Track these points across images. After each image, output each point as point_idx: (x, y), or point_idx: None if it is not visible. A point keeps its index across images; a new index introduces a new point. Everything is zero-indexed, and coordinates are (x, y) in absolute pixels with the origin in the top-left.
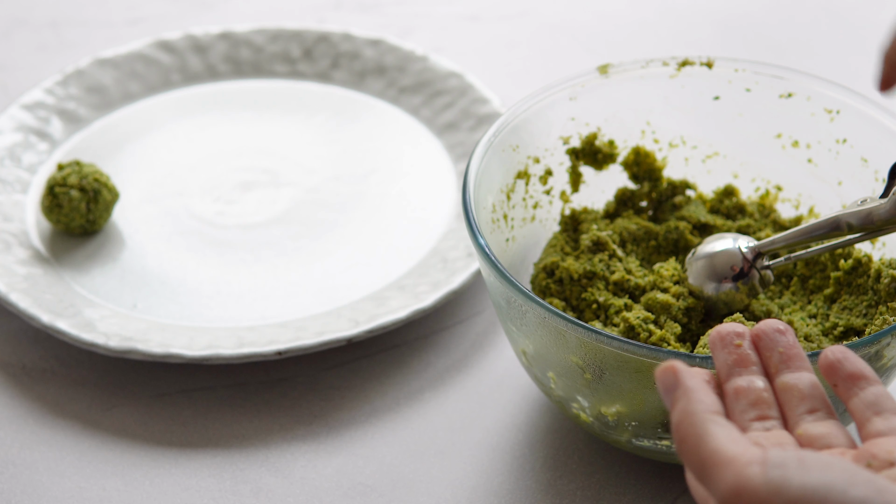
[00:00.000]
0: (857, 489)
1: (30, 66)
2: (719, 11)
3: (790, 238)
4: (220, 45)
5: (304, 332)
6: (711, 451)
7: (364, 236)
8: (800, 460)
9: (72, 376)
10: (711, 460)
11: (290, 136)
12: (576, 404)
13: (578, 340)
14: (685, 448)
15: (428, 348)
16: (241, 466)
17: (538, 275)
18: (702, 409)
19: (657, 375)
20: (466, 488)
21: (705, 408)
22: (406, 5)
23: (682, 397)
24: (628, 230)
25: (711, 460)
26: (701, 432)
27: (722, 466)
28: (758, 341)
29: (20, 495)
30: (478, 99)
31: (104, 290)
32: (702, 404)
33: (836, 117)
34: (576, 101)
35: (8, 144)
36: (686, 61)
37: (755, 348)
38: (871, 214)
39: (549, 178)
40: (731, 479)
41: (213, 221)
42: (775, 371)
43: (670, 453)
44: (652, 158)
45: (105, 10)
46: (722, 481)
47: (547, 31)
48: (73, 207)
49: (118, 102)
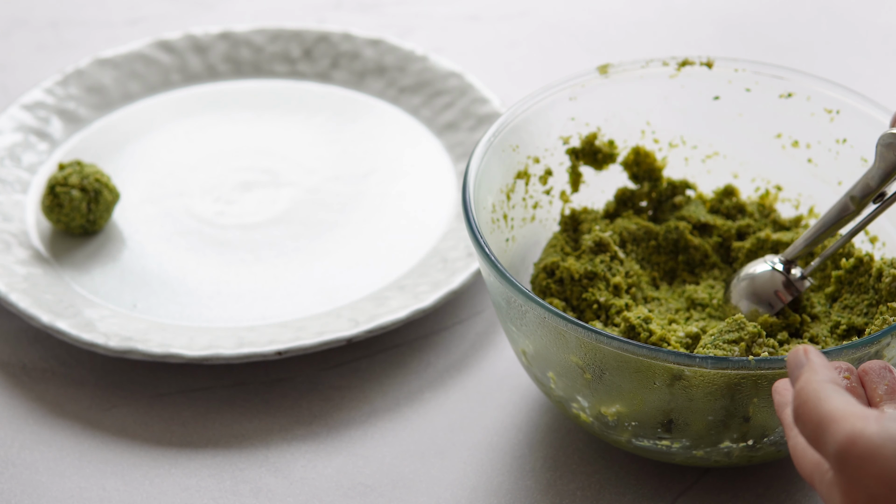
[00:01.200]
0: None
1: (30, 66)
2: (719, 11)
3: (811, 237)
4: (220, 45)
5: (304, 332)
6: (830, 410)
7: (364, 236)
8: None
9: (72, 376)
10: (829, 417)
11: (290, 136)
12: (576, 404)
13: (578, 340)
14: (804, 411)
15: (428, 348)
16: (241, 466)
17: (538, 275)
18: (824, 377)
19: (790, 358)
20: (466, 488)
21: (828, 377)
22: (406, 5)
23: (807, 369)
24: (628, 230)
25: (829, 417)
26: (822, 395)
27: (838, 421)
28: (864, 376)
29: (20, 495)
30: (478, 99)
31: (104, 290)
32: (826, 374)
33: (836, 117)
34: (576, 101)
35: (8, 144)
36: (686, 61)
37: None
38: (867, 180)
39: (549, 178)
40: (847, 429)
41: (213, 221)
42: (880, 402)
43: (670, 453)
44: (652, 158)
45: (105, 10)
46: (837, 433)
47: (547, 30)
48: (74, 207)
49: (118, 102)
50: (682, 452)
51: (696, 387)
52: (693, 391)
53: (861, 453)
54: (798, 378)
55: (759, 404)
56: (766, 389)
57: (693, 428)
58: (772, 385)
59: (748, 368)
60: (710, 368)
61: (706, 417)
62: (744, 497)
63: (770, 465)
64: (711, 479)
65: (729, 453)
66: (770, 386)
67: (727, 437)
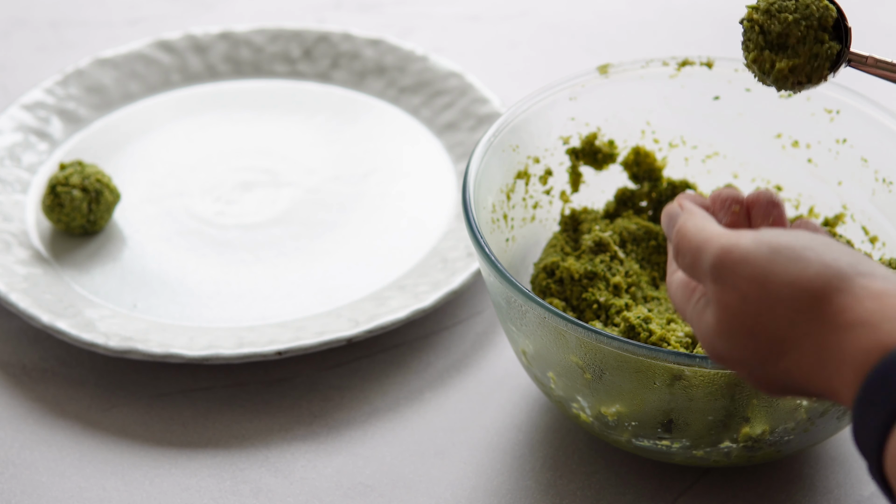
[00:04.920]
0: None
1: (30, 66)
2: (719, 11)
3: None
4: (220, 45)
5: (304, 332)
6: (707, 235)
7: (364, 236)
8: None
9: (72, 376)
10: (705, 239)
11: (290, 136)
12: (576, 404)
13: (578, 340)
14: (683, 244)
15: (428, 348)
16: (241, 466)
17: (538, 275)
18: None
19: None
20: (466, 488)
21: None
22: (406, 5)
23: (686, 214)
24: (628, 230)
25: (705, 239)
26: (699, 226)
27: (714, 239)
28: (752, 208)
29: (20, 495)
30: (478, 99)
31: (104, 290)
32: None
33: (836, 117)
34: (576, 101)
35: (8, 144)
36: (686, 61)
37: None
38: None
39: (549, 178)
40: (723, 242)
41: (213, 221)
42: None
43: (670, 453)
44: (652, 158)
45: (105, 10)
46: (713, 247)
47: (547, 31)
48: (75, 207)
49: (118, 102)
50: (682, 452)
51: (696, 387)
52: (693, 391)
53: (735, 258)
54: (674, 225)
55: (759, 404)
56: None
57: (693, 428)
58: None
59: None
60: (710, 368)
61: (706, 417)
62: (744, 497)
63: (770, 465)
64: (711, 479)
65: (729, 453)
66: None
67: (727, 437)
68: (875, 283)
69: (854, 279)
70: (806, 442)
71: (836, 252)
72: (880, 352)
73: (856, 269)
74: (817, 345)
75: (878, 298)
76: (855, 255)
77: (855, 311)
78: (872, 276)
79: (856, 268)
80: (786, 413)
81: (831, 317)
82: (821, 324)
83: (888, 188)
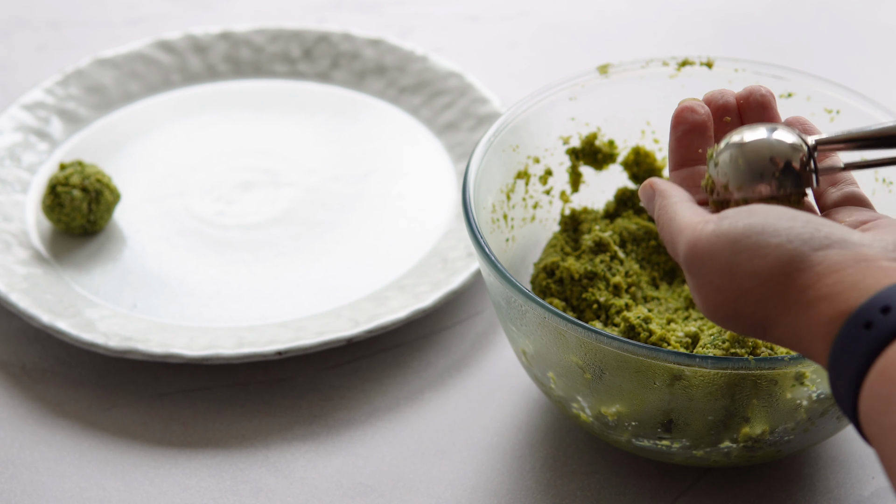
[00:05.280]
0: (787, 222)
1: (30, 66)
2: (719, 11)
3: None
4: (220, 45)
5: (304, 332)
6: (677, 226)
7: (364, 236)
8: (748, 211)
9: (72, 376)
10: (677, 232)
11: (290, 136)
12: (576, 404)
13: (578, 340)
14: (663, 233)
15: (428, 348)
16: (241, 466)
17: (538, 275)
18: (673, 200)
19: (640, 193)
20: (466, 488)
21: (676, 199)
22: (406, 5)
23: (659, 198)
24: (628, 230)
25: (677, 232)
26: (671, 214)
27: (683, 231)
28: (744, 113)
29: (20, 495)
30: (478, 99)
31: (104, 290)
32: (673, 196)
33: (836, 117)
34: (576, 101)
35: (8, 144)
36: (686, 61)
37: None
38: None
39: (549, 178)
40: (689, 236)
41: (213, 221)
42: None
43: (670, 453)
44: (652, 158)
45: (105, 10)
46: (683, 242)
47: (547, 31)
48: (75, 207)
49: (118, 102)
50: (682, 452)
51: (696, 387)
52: (693, 391)
53: (701, 253)
54: (653, 208)
55: (759, 404)
56: (767, 389)
57: (693, 428)
58: (772, 384)
59: (748, 368)
60: (710, 368)
61: (706, 417)
62: (744, 497)
63: (770, 465)
64: (711, 479)
65: (729, 453)
66: (770, 385)
67: (727, 437)
68: (832, 255)
69: (811, 256)
70: (806, 442)
71: (792, 228)
72: (842, 319)
73: (812, 246)
74: (791, 323)
75: (836, 271)
76: (809, 226)
77: (816, 288)
78: (829, 249)
79: (811, 243)
80: (786, 413)
81: (796, 297)
82: (790, 304)
83: (888, 188)
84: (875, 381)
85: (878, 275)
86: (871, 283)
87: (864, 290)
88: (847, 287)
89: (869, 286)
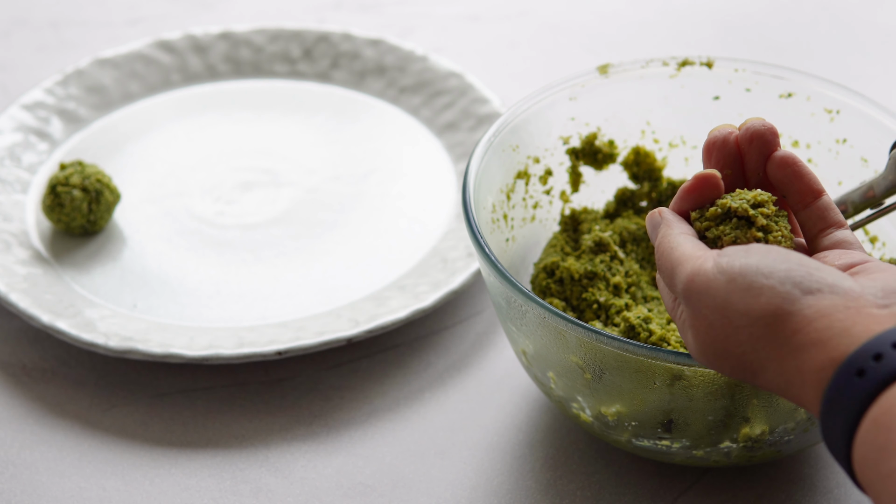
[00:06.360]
0: (785, 265)
1: (30, 66)
2: (720, 11)
3: None
4: (220, 45)
5: (304, 332)
6: (678, 256)
7: (364, 236)
8: (746, 250)
9: (72, 376)
10: (677, 262)
11: (290, 136)
12: (576, 404)
13: (578, 340)
14: (662, 261)
15: (428, 348)
16: (241, 466)
17: (538, 275)
18: (677, 231)
19: (647, 219)
20: (466, 488)
21: (680, 231)
22: (406, 5)
23: (664, 226)
24: (628, 230)
25: (677, 262)
26: (674, 244)
27: (683, 263)
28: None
29: (20, 495)
30: (478, 99)
31: (104, 290)
32: (678, 228)
33: (836, 117)
34: (576, 101)
35: (8, 144)
36: (686, 61)
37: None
38: (872, 187)
39: (549, 178)
40: (689, 269)
41: (213, 221)
42: None
43: (670, 453)
44: (652, 158)
45: (105, 10)
46: (682, 273)
47: (547, 31)
48: (75, 207)
49: (118, 102)
50: (682, 452)
51: (696, 387)
52: (693, 391)
53: (699, 287)
54: (658, 234)
55: (759, 404)
56: None
57: (693, 428)
58: None
59: None
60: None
61: (706, 417)
62: (744, 497)
63: (770, 465)
64: (711, 479)
65: (729, 453)
66: None
67: (727, 437)
68: (822, 300)
69: (802, 300)
70: (806, 442)
71: (786, 271)
72: (833, 367)
73: (803, 288)
74: (780, 368)
75: (826, 316)
76: (803, 269)
77: (806, 333)
78: (820, 294)
79: (803, 286)
80: (786, 413)
81: (786, 340)
82: (778, 348)
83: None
84: (869, 429)
85: (867, 321)
86: (860, 330)
87: (854, 336)
88: (837, 333)
89: (859, 333)
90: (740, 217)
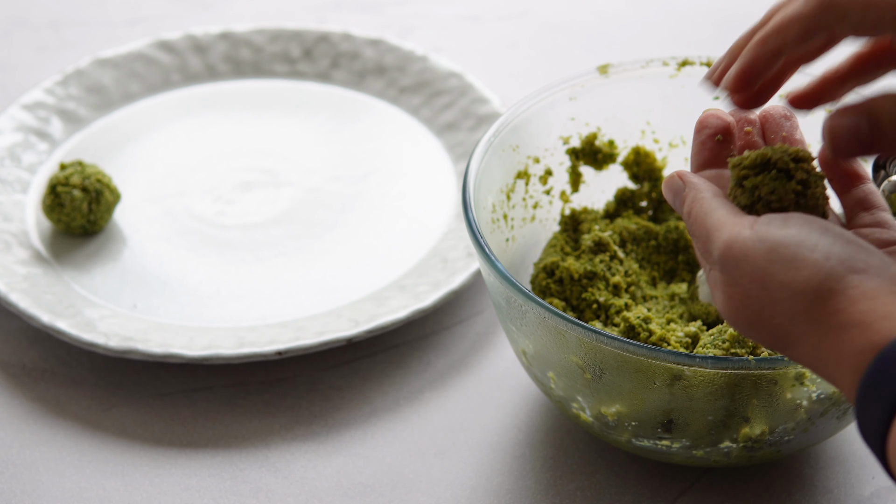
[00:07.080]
0: (826, 238)
1: (30, 66)
2: (720, 11)
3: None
4: (220, 45)
5: (304, 332)
6: (713, 222)
7: (364, 236)
8: (785, 218)
9: (72, 376)
10: (713, 228)
11: (290, 136)
12: (576, 404)
13: (578, 340)
14: (695, 228)
15: (428, 348)
16: (241, 466)
17: (538, 275)
18: (709, 194)
19: (665, 185)
20: (466, 488)
21: (713, 193)
22: (406, 5)
23: (690, 191)
24: (628, 230)
25: (713, 228)
26: (707, 210)
27: (720, 229)
28: (765, 123)
29: (20, 495)
30: (478, 99)
31: (104, 290)
32: (708, 191)
33: None
34: (576, 101)
35: (8, 144)
36: (686, 61)
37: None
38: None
39: (549, 178)
40: (726, 235)
41: (213, 221)
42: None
43: (670, 453)
44: (652, 158)
45: (105, 10)
46: (719, 240)
47: (547, 31)
48: (75, 207)
49: (118, 102)
50: (682, 452)
51: (696, 387)
52: (693, 391)
53: (737, 255)
54: (684, 200)
55: (759, 404)
56: (767, 389)
57: (693, 428)
58: (772, 384)
59: (748, 368)
60: (710, 368)
61: (706, 417)
62: (744, 497)
63: (770, 465)
64: (711, 479)
65: (729, 453)
66: (770, 385)
67: (727, 437)
68: (868, 281)
69: (847, 278)
70: (806, 442)
71: (830, 246)
72: (874, 351)
73: (848, 266)
74: (816, 344)
75: (871, 298)
76: (849, 248)
77: (848, 313)
78: (866, 274)
79: (848, 264)
80: (786, 413)
81: (826, 318)
82: (817, 325)
83: None
84: None
85: None
86: None
87: None
88: (881, 317)
89: None
90: (780, 169)
